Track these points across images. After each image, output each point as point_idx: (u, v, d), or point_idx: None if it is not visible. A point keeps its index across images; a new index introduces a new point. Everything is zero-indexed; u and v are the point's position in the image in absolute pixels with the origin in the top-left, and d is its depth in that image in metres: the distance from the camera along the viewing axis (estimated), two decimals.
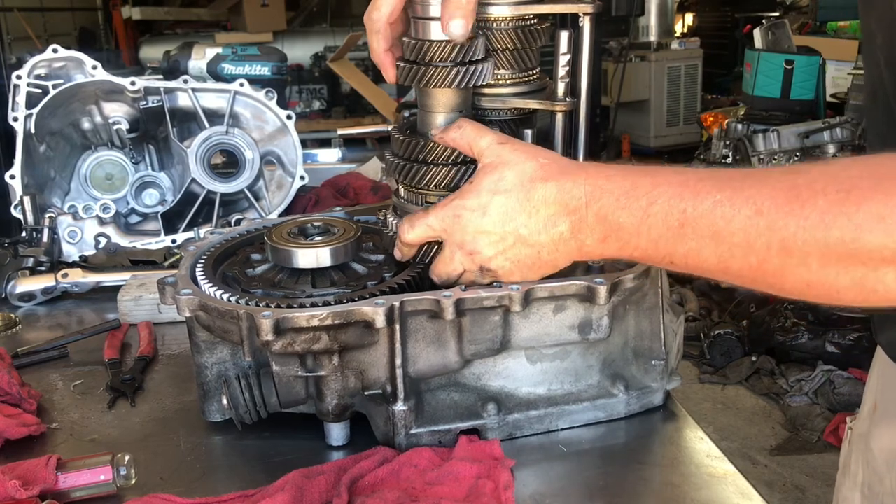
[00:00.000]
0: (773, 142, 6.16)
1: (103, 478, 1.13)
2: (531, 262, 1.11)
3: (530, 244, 1.08)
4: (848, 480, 1.38)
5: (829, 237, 0.83)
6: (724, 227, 0.90)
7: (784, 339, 4.67)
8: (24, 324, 1.79)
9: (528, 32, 1.24)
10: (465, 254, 1.13)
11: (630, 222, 0.98)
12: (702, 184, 0.93)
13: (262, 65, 2.75)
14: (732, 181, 0.92)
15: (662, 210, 0.95)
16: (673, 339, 1.35)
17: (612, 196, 1.00)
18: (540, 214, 1.06)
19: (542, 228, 1.06)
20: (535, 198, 1.06)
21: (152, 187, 2.34)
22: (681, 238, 0.94)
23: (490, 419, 1.24)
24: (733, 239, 0.90)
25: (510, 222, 1.08)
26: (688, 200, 0.93)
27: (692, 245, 0.94)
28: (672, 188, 0.95)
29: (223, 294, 1.20)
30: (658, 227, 0.96)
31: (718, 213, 0.90)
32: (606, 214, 1.01)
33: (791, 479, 3.86)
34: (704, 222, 0.92)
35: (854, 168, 0.85)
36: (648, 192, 0.97)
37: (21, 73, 2.14)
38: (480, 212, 1.09)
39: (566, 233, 1.05)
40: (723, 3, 11.77)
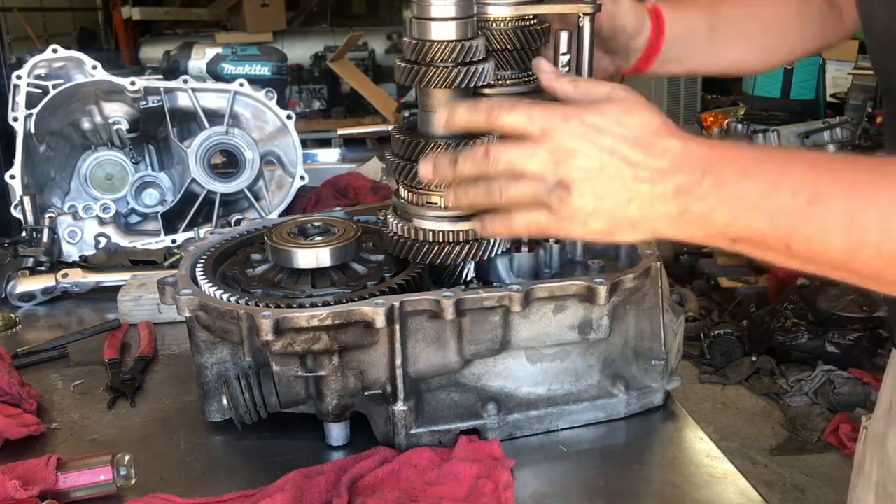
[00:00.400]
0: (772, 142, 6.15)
1: (103, 478, 1.13)
2: (613, 208, 0.94)
3: (628, 187, 0.93)
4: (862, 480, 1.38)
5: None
6: (859, 210, 0.83)
7: (784, 339, 4.66)
8: (24, 324, 1.79)
9: (527, 33, 1.24)
10: (550, 157, 0.94)
11: (752, 192, 0.88)
12: (836, 163, 0.88)
13: (262, 65, 2.75)
14: (870, 163, 0.86)
15: (792, 184, 0.86)
16: (673, 339, 1.35)
17: (738, 165, 0.90)
18: (654, 162, 0.92)
19: (650, 176, 0.92)
20: (656, 144, 0.93)
21: (152, 187, 2.34)
22: (807, 218, 0.86)
23: (490, 419, 1.24)
24: (868, 223, 0.83)
25: (618, 155, 0.92)
26: (823, 177, 0.86)
27: (819, 226, 0.85)
28: (805, 164, 0.88)
29: (223, 294, 1.20)
30: (783, 200, 0.86)
31: (856, 193, 0.84)
32: (726, 182, 0.89)
33: (791, 479, 3.86)
34: (839, 203, 0.84)
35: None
36: (779, 165, 0.88)
37: (21, 73, 2.14)
38: (595, 131, 0.93)
39: (670, 192, 0.91)
40: None
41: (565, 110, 0.95)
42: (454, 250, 1.24)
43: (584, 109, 0.95)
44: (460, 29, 1.15)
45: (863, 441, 1.41)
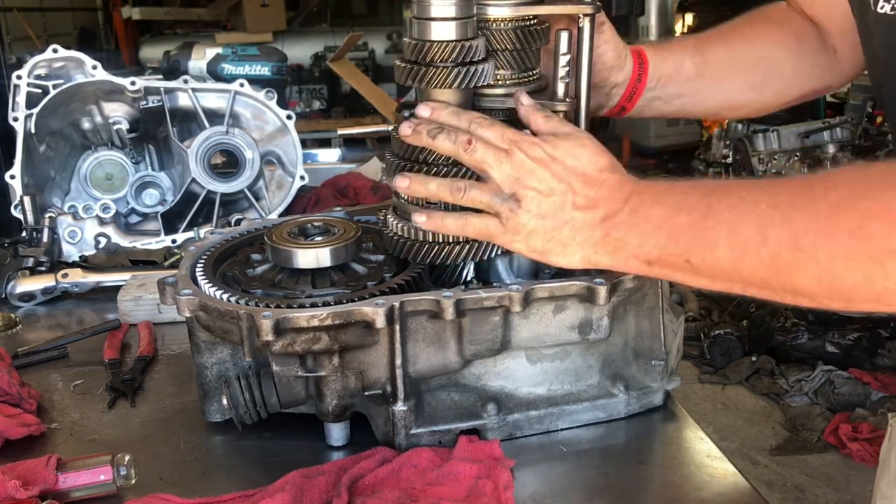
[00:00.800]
0: (773, 142, 6.15)
1: (103, 478, 1.13)
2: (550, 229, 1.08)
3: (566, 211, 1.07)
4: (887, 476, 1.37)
5: (836, 227, 0.86)
6: (741, 219, 0.94)
7: (784, 339, 4.66)
8: (24, 324, 1.79)
9: (527, 33, 1.24)
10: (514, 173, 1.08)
11: (657, 215, 1.02)
12: (734, 186, 0.99)
13: (262, 65, 2.74)
14: (760, 185, 0.97)
15: (690, 204, 1.00)
16: (673, 339, 1.35)
17: (653, 193, 1.04)
18: (591, 192, 1.07)
19: (584, 205, 1.07)
20: (596, 178, 1.07)
21: (152, 187, 2.34)
22: (701, 233, 0.97)
23: (490, 419, 1.24)
24: (748, 231, 0.92)
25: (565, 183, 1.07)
26: (715, 196, 0.98)
27: (711, 240, 0.96)
28: (707, 188, 1.01)
29: (223, 294, 1.20)
30: (682, 220, 0.99)
31: (740, 208, 0.94)
32: (640, 208, 1.04)
33: (791, 479, 3.86)
34: (725, 216, 0.95)
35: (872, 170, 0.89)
36: (684, 191, 1.02)
37: (21, 73, 2.14)
38: (551, 158, 1.08)
39: (597, 219, 1.06)
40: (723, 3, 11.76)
41: (532, 137, 1.11)
42: (454, 250, 1.24)
43: (546, 140, 1.10)
44: (460, 29, 1.15)
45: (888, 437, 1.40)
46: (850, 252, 0.85)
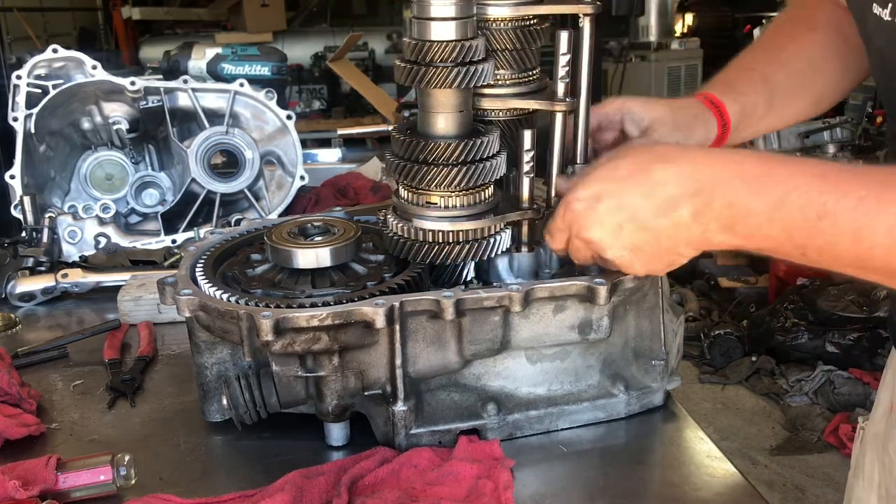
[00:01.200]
0: (773, 142, 6.15)
1: (103, 478, 1.13)
2: (649, 248, 1.05)
3: (647, 228, 1.02)
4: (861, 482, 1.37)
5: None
6: (866, 225, 0.87)
7: (784, 339, 4.66)
8: (24, 324, 1.79)
9: (527, 33, 1.24)
10: (582, 243, 1.10)
11: (763, 209, 0.93)
12: (844, 176, 0.89)
13: (262, 65, 2.74)
14: (878, 176, 0.88)
15: (800, 200, 0.90)
16: (673, 339, 1.35)
17: (744, 181, 0.95)
18: (657, 196, 0.99)
19: (660, 211, 0.99)
20: (652, 179, 1.00)
21: (152, 187, 2.34)
22: (818, 231, 0.90)
23: (490, 419, 1.24)
24: (875, 238, 0.86)
25: (625, 209, 1.02)
26: (829, 193, 0.89)
27: (829, 239, 0.90)
28: (811, 179, 0.91)
29: (223, 294, 1.20)
30: (794, 217, 0.91)
31: (862, 210, 0.87)
32: (736, 199, 0.95)
33: (791, 479, 3.86)
34: (846, 218, 0.88)
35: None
36: (786, 180, 0.92)
37: (21, 73, 2.14)
38: (593, 200, 1.05)
39: (687, 217, 0.98)
40: (723, 3, 11.76)
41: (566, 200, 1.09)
42: (454, 250, 1.24)
43: (576, 188, 1.08)
44: (460, 29, 1.15)
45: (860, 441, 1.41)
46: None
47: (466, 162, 1.20)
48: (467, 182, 1.20)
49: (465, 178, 1.20)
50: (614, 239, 1.06)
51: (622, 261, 1.09)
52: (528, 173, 1.25)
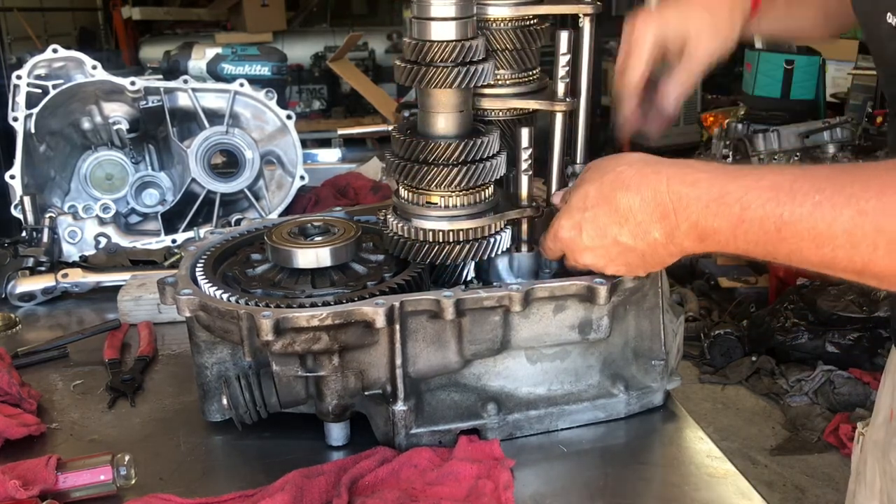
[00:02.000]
0: (773, 142, 6.15)
1: (103, 478, 1.13)
2: (640, 262, 1.12)
3: (631, 250, 1.09)
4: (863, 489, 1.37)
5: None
6: (825, 230, 0.88)
7: (784, 339, 4.66)
8: (24, 324, 1.79)
9: (527, 33, 1.24)
10: (579, 265, 1.17)
11: (725, 227, 0.97)
12: (798, 184, 0.90)
13: (262, 65, 2.74)
14: (828, 180, 0.89)
15: (758, 215, 0.93)
16: (673, 339, 1.34)
17: (701, 203, 0.98)
18: (630, 224, 1.06)
19: (637, 236, 1.06)
20: (620, 208, 1.05)
21: (152, 187, 2.33)
22: (780, 241, 0.92)
23: (490, 419, 1.24)
24: (836, 241, 0.88)
25: (606, 236, 1.09)
26: (784, 205, 0.91)
27: (793, 247, 0.92)
28: (765, 192, 0.93)
29: (223, 294, 1.20)
30: (755, 231, 0.94)
31: (818, 215, 0.88)
32: (698, 220, 0.99)
33: (791, 479, 3.86)
34: (804, 226, 0.90)
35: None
36: (740, 197, 0.95)
37: (21, 73, 2.14)
38: (576, 231, 1.12)
39: (661, 238, 1.05)
40: None
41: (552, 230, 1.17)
42: (454, 250, 1.24)
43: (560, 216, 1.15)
44: (460, 29, 1.15)
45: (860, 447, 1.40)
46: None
47: (466, 162, 1.20)
48: (467, 182, 1.20)
49: (465, 178, 1.20)
50: (607, 260, 1.13)
51: (620, 273, 1.17)
52: (526, 171, 1.25)
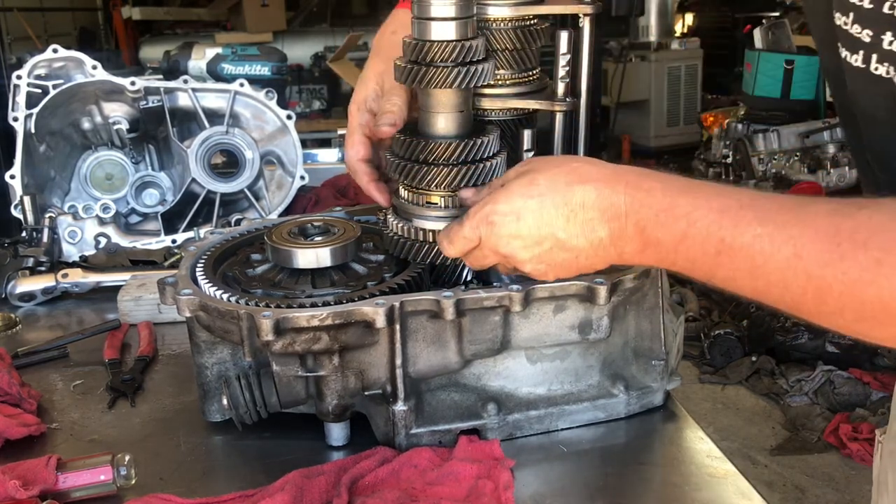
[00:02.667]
0: (773, 142, 6.16)
1: (103, 478, 1.13)
2: (567, 265, 1.08)
3: (568, 248, 1.05)
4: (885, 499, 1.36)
5: (865, 295, 0.82)
6: (761, 265, 0.89)
7: (784, 339, 4.66)
8: (24, 324, 1.79)
9: (527, 33, 1.24)
10: (500, 256, 1.11)
11: (668, 240, 0.97)
12: (742, 213, 0.91)
13: (262, 65, 2.74)
14: (774, 214, 0.89)
15: (700, 235, 0.93)
16: (673, 339, 1.34)
17: (652, 211, 0.98)
18: (578, 218, 1.02)
19: (581, 233, 1.03)
20: (573, 201, 1.02)
21: (152, 187, 2.34)
22: (717, 265, 0.93)
23: (490, 419, 1.24)
24: (770, 277, 0.88)
25: (546, 227, 1.04)
26: (726, 230, 0.91)
27: (728, 274, 0.92)
28: (711, 214, 0.93)
29: (223, 294, 1.20)
30: (695, 250, 0.94)
31: (757, 248, 0.89)
32: (645, 227, 0.99)
33: (791, 479, 3.86)
34: (742, 255, 0.90)
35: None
36: (687, 213, 0.95)
37: (21, 73, 2.14)
38: (514, 216, 1.05)
39: (605, 239, 1.02)
40: (723, 3, 11.77)
41: (483, 212, 1.08)
42: None
43: (497, 199, 1.08)
44: (460, 29, 1.15)
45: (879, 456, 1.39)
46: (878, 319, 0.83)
47: (466, 162, 1.20)
48: (467, 182, 1.20)
49: (465, 178, 1.20)
50: (532, 254, 1.07)
51: (537, 273, 1.11)
52: None
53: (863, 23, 0.99)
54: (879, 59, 1.00)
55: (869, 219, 0.83)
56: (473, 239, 1.11)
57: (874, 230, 0.82)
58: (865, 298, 0.82)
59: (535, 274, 1.11)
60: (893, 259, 0.80)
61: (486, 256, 1.13)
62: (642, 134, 9.59)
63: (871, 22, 0.98)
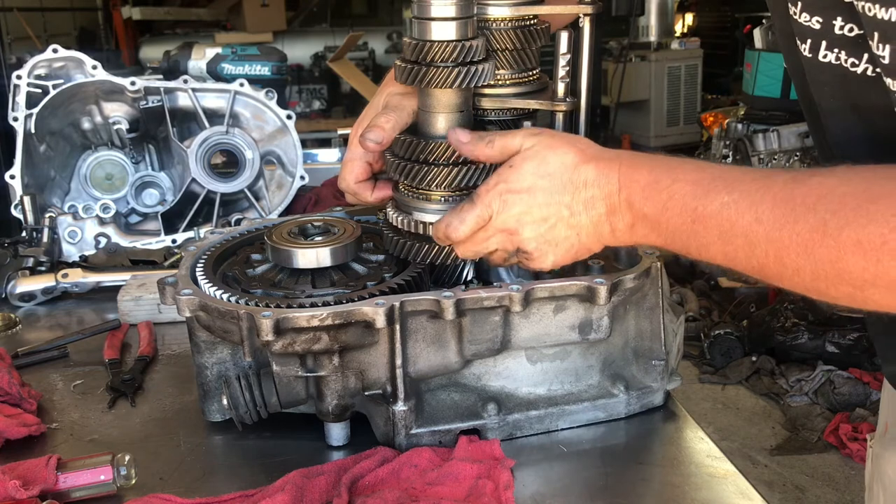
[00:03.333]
0: (773, 142, 6.15)
1: (103, 478, 1.13)
2: (568, 244, 1.13)
3: (571, 225, 1.10)
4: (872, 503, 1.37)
5: (816, 256, 0.88)
6: (728, 230, 0.95)
7: (784, 339, 4.66)
8: (24, 324, 1.79)
9: (528, 32, 1.24)
10: (505, 235, 1.14)
11: (652, 213, 1.03)
12: (714, 184, 0.98)
13: (262, 65, 2.74)
14: (741, 184, 0.95)
15: (678, 205, 1.00)
16: (673, 339, 1.35)
17: (639, 185, 1.05)
18: (581, 195, 1.08)
19: (583, 209, 1.09)
20: (577, 179, 1.08)
21: (152, 187, 2.34)
22: (693, 234, 1.00)
23: (490, 419, 1.24)
24: (737, 241, 0.95)
25: (554, 204, 1.09)
26: (699, 199, 0.98)
27: (703, 241, 0.99)
28: (687, 186, 1.00)
29: (223, 294, 1.20)
30: (674, 220, 1.01)
31: (724, 215, 0.95)
32: (633, 202, 1.05)
33: (791, 479, 3.86)
34: (713, 222, 0.97)
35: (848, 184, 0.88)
36: (668, 186, 1.02)
37: (21, 73, 2.14)
38: (527, 193, 1.10)
39: (603, 215, 1.08)
40: (723, 3, 11.77)
41: (497, 190, 1.11)
42: (454, 250, 1.24)
43: (508, 178, 1.11)
44: (460, 29, 1.15)
45: (870, 460, 1.40)
46: (830, 277, 0.88)
47: (466, 162, 1.20)
48: (467, 182, 1.20)
49: (465, 178, 1.20)
50: (537, 233, 1.12)
51: (538, 253, 1.14)
52: None
53: (811, 10, 1.02)
54: (829, 46, 1.03)
55: (820, 184, 0.90)
56: (485, 216, 1.13)
57: (823, 194, 0.88)
58: (818, 257, 0.88)
59: (535, 255, 1.14)
60: (838, 219, 0.86)
61: (490, 238, 1.15)
62: (642, 134, 9.59)
63: (819, 9, 1.01)
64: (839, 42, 1.01)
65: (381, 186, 1.35)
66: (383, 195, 1.34)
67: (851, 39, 0.99)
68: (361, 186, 1.34)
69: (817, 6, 1.01)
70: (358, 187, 1.34)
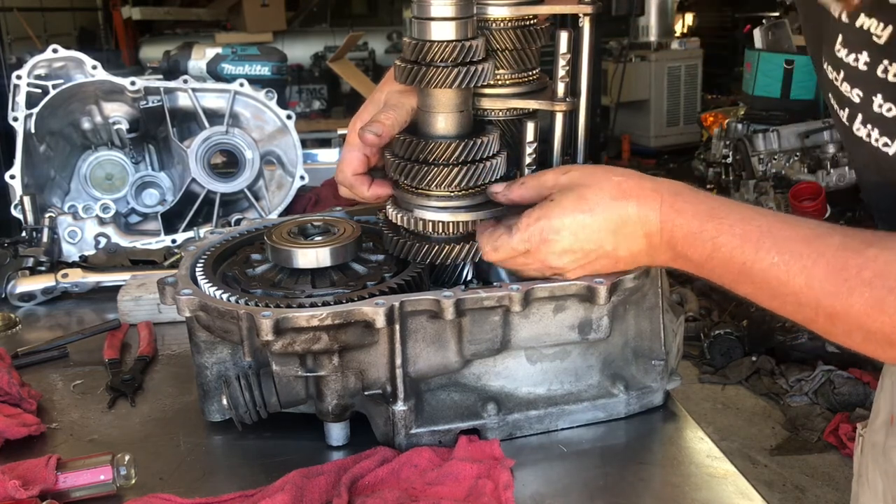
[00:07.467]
0: (773, 142, 6.16)
1: (103, 478, 1.13)
2: (606, 268, 1.17)
3: (611, 256, 1.14)
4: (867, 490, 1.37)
5: (870, 329, 0.92)
6: (777, 288, 0.99)
7: (784, 339, 4.66)
8: (24, 324, 1.79)
9: (527, 32, 1.24)
10: (545, 267, 1.17)
11: (696, 258, 1.07)
12: (763, 240, 1.00)
13: (262, 65, 2.74)
14: (792, 243, 0.98)
15: (723, 257, 1.03)
16: (673, 339, 1.35)
17: (681, 231, 1.07)
18: (622, 232, 1.11)
19: (624, 245, 1.12)
20: (618, 216, 1.10)
21: (152, 187, 2.34)
22: (739, 283, 1.04)
23: (490, 419, 1.24)
24: (786, 299, 0.99)
25: (595, 241, 1.12)
26: (748, 254, 1.01)
27: (748, 290, 1.03)
28: (734, 240, 1.02)
29: (223, 294, 1.20)
30: (720, 269, 1.04)
31: (773, 274, 0.98)
32: (675, 245, 1.08)
33: (791, 479, 3.86)
34: (760, 277, 1.00)
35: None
36: (713, 237, 1.04)
37: (21, 73, 2.14)
38: (568, 232, 1.12)
39: (643, 250, 1.12)
40: (723, 3, 11.78)
41: (538, 227, 1.13)
42: (454, 250, 1.24)
43: (551, 213, 1.12)
44: (460, 29, 1.15)
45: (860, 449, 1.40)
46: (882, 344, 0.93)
47: (466, 162, 1.20)
48: (467, 182, 1.20)
49: (465, 178, 1.20)
50: (578, 265, 1.16)
51: (573, 275, 1.18)
52: (530, 165, 1.25)
53: (853, 82, 1.04)
54: (864, 121, 1.05)
55: (875, 258, 0.91)
56: (520, 250, 1.15)
57: (880, 269, 0.90)
58: (871, 329, 0.92)
59: (571, 276, 1.19)
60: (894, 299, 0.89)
61: (530, 264, 1.18)
62: (642, 134, 9.60)
63: (863, 83, 1.03)
64: (875, 120, 1.03)
65: (378, 183, 1.34)
66: (380, 192, 1.33)
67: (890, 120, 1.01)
68: (358, 179, 1.33)
69: (861, 80, 1.02)
70: (355, 180, 1.33)
